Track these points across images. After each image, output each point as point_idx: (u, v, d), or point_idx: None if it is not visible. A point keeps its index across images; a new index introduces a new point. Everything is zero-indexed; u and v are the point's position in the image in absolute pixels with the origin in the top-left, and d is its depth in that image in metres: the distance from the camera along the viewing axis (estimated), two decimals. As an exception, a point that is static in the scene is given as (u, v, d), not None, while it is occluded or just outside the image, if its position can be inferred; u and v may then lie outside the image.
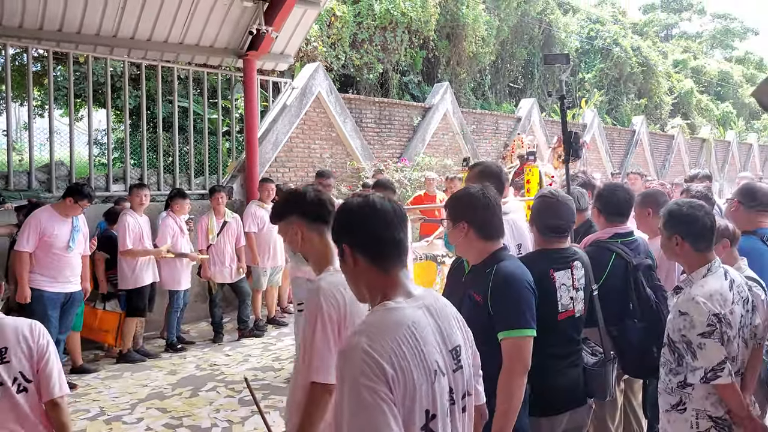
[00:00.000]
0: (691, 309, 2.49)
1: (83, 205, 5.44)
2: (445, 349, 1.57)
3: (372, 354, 1.41)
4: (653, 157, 19.49)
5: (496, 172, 3.36)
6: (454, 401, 1.57)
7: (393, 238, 1.61)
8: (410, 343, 1.46)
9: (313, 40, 11.52)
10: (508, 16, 17.47)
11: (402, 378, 1.42)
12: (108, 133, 8.10)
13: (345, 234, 1.66)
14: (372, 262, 1.61)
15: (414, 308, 1.54)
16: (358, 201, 1.67)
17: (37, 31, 7.15)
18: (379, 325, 1.49)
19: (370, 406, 1.37)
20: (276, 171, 9.27)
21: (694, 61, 30.14)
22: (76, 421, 4.82)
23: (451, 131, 12.50)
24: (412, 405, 1.44)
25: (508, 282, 2.38)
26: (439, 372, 1.51)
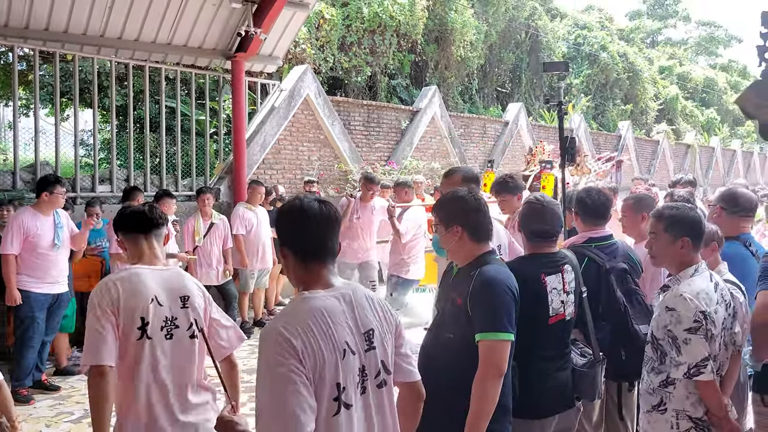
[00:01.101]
0: (678, 305, 2.54)
1: (60, 193, 5.30)
2: (357, 331, 1.77)
3: (284, 334, 1.63)
4: (639, 162, 19.68)
5: (476, 176, 3.51)
6: (366, 377, 1.78)
7: (316, 238, 1.82)
8: (320, 326, 1.68)
9: (302, 42, 11.51)
10: (496, 21, 17.57)
11: (312, 354, 1.63)
12: (94, 133, 8.04)
13: (278, 233, 1.88)
14: (296, 257, 1.83)
15: (328, 297, 1.76)
16: (291, 203, 1.86)
17: (23, 30, 7.07)
18: (293, 311, 1.73)
19: (283, 377, 1.59)
20: (264, 173, 9.25)
21: (679, 68, 30.48)
22: (60, 423, 4.79)
23: (439, 135, 12.54)
24: (321, 378, 1.65)
25: (487, 285, 2.39)
26: (348, 350, 1.72)
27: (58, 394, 5.40)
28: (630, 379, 3.21)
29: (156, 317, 2.45)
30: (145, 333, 2.42)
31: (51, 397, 5.34)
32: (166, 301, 2.49)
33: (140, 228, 2.62)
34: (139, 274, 2.51)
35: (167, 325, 2.48)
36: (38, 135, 7.35)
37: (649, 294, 3.59)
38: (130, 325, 2.40)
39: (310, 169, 9.87)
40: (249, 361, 6.34)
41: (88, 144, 9.83)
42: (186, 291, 2.56)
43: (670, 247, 2.71)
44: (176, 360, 2.49)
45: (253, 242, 7.32)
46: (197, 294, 2.61)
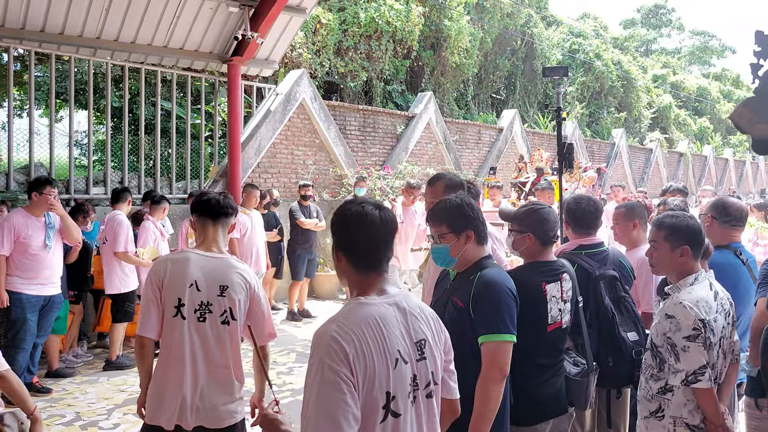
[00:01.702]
0: (677, 313, 2.56)
1: (50, 193, 5.28)
2: (410, 340, 1.77)
3: (338, 339, 1.63)
4: (632, 170, 19.78)
5: (461, 183, 3.50)
6: (417, 386, 1.77)
7: (374, 245, 1.81)
8: (374, 334, 1.67)
9: (298, 46, 11.54)
10: (491, 28, 17.65)
11: (363, 361, 1.63)
12: (89, 134, 8.02)
13: (334, 234, 1.86)
14: (351, 262, 1.82)
15: (383, 304, 1.75)
16: (350, 208, 1.83)
17: (19, 31, 7.07)
18: (348, 316, 1.70)
19: (332, 383, 1.59)
20: (258, 177, 9.25)
21: (672, 77, 30.67)
22: (52, 426, 4.76)
23: (434, 140, 12.59)
24: (372, 386, 1.64)
25: (489, 287, 2.43)
26: (400, 360, 1.72)
27: (49, 397, 5.37)
28: (617, 385, 3.22)
29: (191, 300, 2.73)
30: (180, 312, 2.73)
31: (42, 399, 5.30)
32: (204, 287, 2.76)
33: (210, 214, 2.89)
34: (188, 259, 2.80)
35: (201, 308, 2.74)
36: (33, 136, 7.33)
37: (641, 301, 3.62)
38: (169, 302, 2.74)
39: (305, 173, 9.88)
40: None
41: (83, 145, 9.81)
42: (226, 281, 2.79)
43: (670, 256, 2.73)
44: (206, 341, 2.75)
45: (247, 246, 7.31)
46: (239, 286, 2.81)
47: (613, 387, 3.23)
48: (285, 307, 8.69)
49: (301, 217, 8.26)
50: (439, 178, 3.52)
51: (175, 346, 2.73)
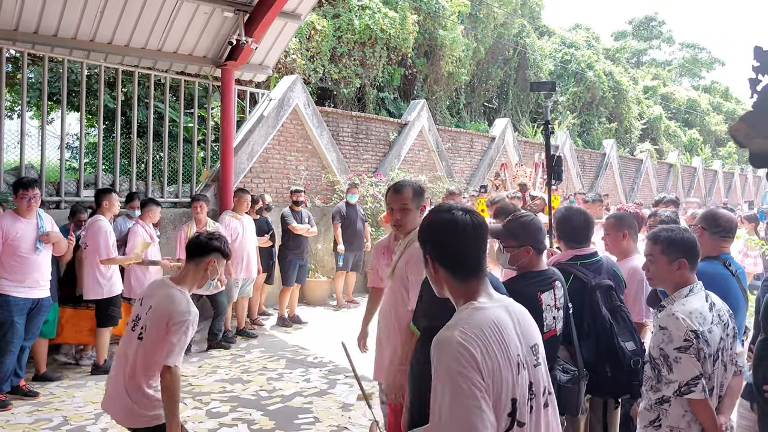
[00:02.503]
0: (670, 324, 2.58)
1: (31, 195, 5.20)
2: (525, 345, 1.71)
3: (465, 344, 1.56)
4: (622, 180, 19.92)
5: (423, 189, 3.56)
6: (534, 394, 1.70)
7: (473, 253, 1.76)
8: (496, 337, 1.62)
9: (292, 52, 11.56)
10: (484, 38, 17.75)
11: (491, 366, 1.57)
12: (81, 137, 7.98)
13: (427, 245, 1.81)
14: (449, 272, 1.76)
15: (497, 308, 1.71)
16: (443, 216, 1.79)
17: (12, 32, 7.03)
18: (469, 320, 1.64)
19: (465, 391, 1.52)
20: (251, 182, 9.24)
21: (663, 88, 30.94)
22: (38, 430, 4.72)
23: (427, 148, 12.62)
24: (499, 392, 1.58)
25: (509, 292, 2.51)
26: (521, 364, 1.66)
27: (36, 401, 5.32)
28: (616, 395, 3.24)
29: (133, 315, 3.14)
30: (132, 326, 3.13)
31: (29, 403, 5.26)
32: (145, 302, 3.11)
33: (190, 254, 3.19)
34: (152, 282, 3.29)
35: (135, 321, 3.10)
36: (24, 138, 7.29)
37: (632, 311, 3.64)
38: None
39: (297, 179, 9.88)
40: (230, 371, 6.30)
41: (74, 147, 9.76)
42: (153, 300, 3.08)
43: (667, 269, 2.74)
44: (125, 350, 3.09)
45: (237, 251, 7.29)
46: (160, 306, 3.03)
47: (611, 397, 3.24)
48: (275, 312, 8.66)
49: (293, 222, 8.25)
50: (404, 185, 3.41)
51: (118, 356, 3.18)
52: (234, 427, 4.85)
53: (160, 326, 2.96)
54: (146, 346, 2.98)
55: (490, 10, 17.86)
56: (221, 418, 5.00)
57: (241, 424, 4.87)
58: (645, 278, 3.78)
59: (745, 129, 1.40)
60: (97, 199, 6.33)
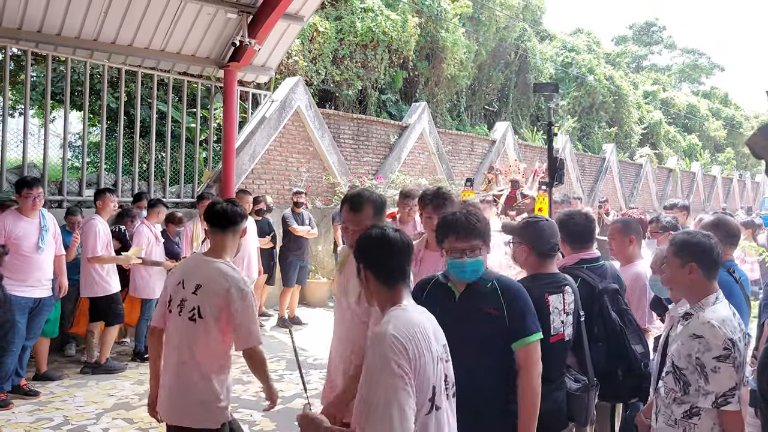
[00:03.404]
0: (706, 332, 2.48)
1: (29, 194, 5.22)
2: (439, 343, 2.04)
3: (397, 337, 1.89)
4: (622, 185, 19.95)
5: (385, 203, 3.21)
6: (448, 384, 2.05)
7: (396, 263, 2.10)
8: (420, 333, 1.94)
9: (295, 54, 11.57)
10: (486, 41, 17.78)
11: (417, 357, 1.89)
12: (84, 136, 8.00)
13: (364, 258, 2.13)
14: (378, 280, 2.09)
15: (417, 311, 2.07)
16: (374, 233, 2.14)
17: (16, 31, 7.05)
18: (400, 318, 1.97)
19: (395, 375, 1.83)
20: (252, 183, 9.25)
21: (663, 93, 31.01)
22: (39, 429, 4.72)
23: (427, 151, 12.64)
24: (422, 379, 1.90)
25: (519, 292, 2.57)
26: (439, 358, 1.99)
27: (37, 400, 5.33)
28: (626, 399, 3.25)
29: (176, 297, 2.99)
30: (170, 307, 3.02)
31: (30, 402, 5.26)
32: (187, 285, 2.96)
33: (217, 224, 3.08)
34: (186, 260, 3.31)
35: (180, 304, 2.96)
36: (27, 136, 7.29)
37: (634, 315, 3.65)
38: (164, 298, 3.08)
39: (298, 181, 9.89)
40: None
41: (77, 147, 9.76)
42: (200, 280, 2.95)
43: (679, 272, 2.68)
44: (179, 334, 2.96)
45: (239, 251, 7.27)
46: (215, 287, 2.92)
47: (620, 401, 3.25)
48: (276, 313, 8.66)
49: (294, 224, 8.26)
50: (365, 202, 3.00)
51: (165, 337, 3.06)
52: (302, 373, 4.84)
53: (219, 303, 2.89)
54: (207, 327, 2.88)
55: (492, 13, 17.89)
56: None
57: (242, 426, 4.87)
58: (648, 284, 3.82)
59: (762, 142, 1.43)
60: (94, 200, 6.39)
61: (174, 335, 2.95)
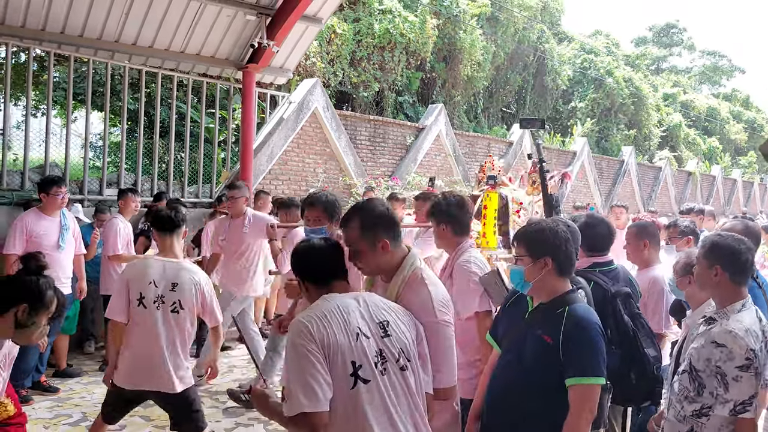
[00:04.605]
0: (729, 341, 2.47)
1: (58, 192, 5.28)
2: (371, 321, 2.15)
3: (304, 322, 2.06)
4: (640, 188, 19.76)
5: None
6: (385, 359, 2.12)
7: (326, 266, 2.31)
8: (335, 314, 2.09)
9: (313, 55, 11.63)
10: (504, 43, 17.73)
11: (325, 335, 2.03)
12: (104, 136, 8.10)
13: (297, 269, 2.36)
14: (312, 284, 2.32)
15: (343, 297, 2.19)
16: (302, 246, 2.37)
17: (39, 32, 7.15)
18: (314, 306, 2.16)
19: (302, 355, 2.00)
20: (269, 183, 9.30)
21: (683, 96, 30.68)
22: (58, 426, 4.79)
23: (444, 152, 12.62)
24: (336, 356, 2.03)
25: (582, 328, 2.38)
26: (361, 335, 2.09)
27: (56, 396, 5.41)
28: (638, 403, 3.22)
29: (149, 294, 3.57)
30: (141, 303, 3.58)
31: (50, 398, 5.34)
32: (160, 284, 3.59)
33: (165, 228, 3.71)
34: (148, 264, 3.69)
35: (157, 300, 3.57)
36: (49, 136, 7.40)
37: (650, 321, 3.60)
38: (134, 296, 3.59)
39: (315, 182, 9.93)
40: (246, 370, 6.34)
41: (98, 147, 9.89)
42: (176, 279, 3.62)
43: (706, 274, 2.66)
44: (162, 324, 3.59)
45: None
46: (188, 284, 3.63)
47: (633, 404, 3.22)
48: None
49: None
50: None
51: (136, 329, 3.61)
52: (250, 426, 4.90)
53: (194, 294, 3.65)
54: (185, 315, 3.62)
55: (510, 14, 17.84)
56: (237, 418, 5.05)
57: (257, 424, 4.92)
58: (665, 289, 3.79)
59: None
60: (117, 199, 6.52)
61: (153, 326, 3.56)
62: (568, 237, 2.50)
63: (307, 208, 3.76)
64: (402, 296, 2.43)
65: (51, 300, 2.61)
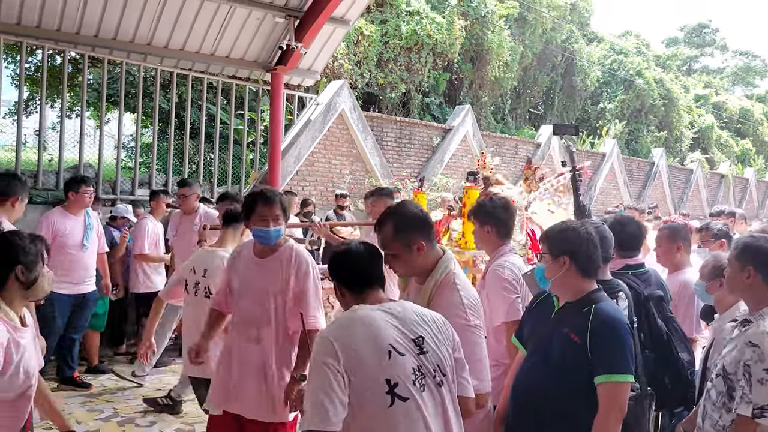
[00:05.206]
0: (763, 342, 2.41)
1: (86, 191, 5.32)
2: (405, 337, 2.05)
3: (327, 337, 2.01)
4: (671, 190, 19.44)
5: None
6: (424, 375, 2.04)
7: (363, 273, 2.22)
8: (362, 330, 2.01)
9: (340, 57, 11.68)
10: (532, 43, 17.60)
11: (349, 352, 1.96)
12: (136, 137, 8.26)
13: (332, 273, 2.28)
14: (349, 290, 2.23)
15: (373, 309, 2.08)
16: (339, 249, 2.29)
17: (74, 35, 7.32)
18: (339, 321, 2.11)
19: (321, 372, 1.95)
20: (297, 184, 9.38)
21: (715, 97, 30.08)
22: (90, 421, 4.88)
23: (470, 153, 12.58)
24: (364, 375, 1.96)
25: (609, 325, 2.36)
26: (394, 352, 2.00)
27: (89, 392, 5.51)
28: (671, 408, 3.18)
29: (191, 280, 3.88)
30: (186, 289, 3.93)
31: (82, 394, 5.45)
32: (198, 271, 3.85)
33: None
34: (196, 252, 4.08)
35: (195, 286, 3.86)
36: (83, 137, 7.57)
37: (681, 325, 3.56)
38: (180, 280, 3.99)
39: (341, 183, 9.98)
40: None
41: (130, 148, 10.08)
42: (206, 266, 3.83)
43: (738, 276, 2.61)
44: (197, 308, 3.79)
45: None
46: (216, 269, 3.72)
47: (666, 409, 3.18)
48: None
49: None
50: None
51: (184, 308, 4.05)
52: None
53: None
54: None
55: (539, 14, 17.70)
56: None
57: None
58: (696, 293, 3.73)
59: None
60: (149, 200, 6.67)
61: (192, 309, 3.87)
62: (590, 238, 2.47)
63: (267, 206, 3.11)
64: (434, 300, 2.43)
65: (35, 246, 2.53)
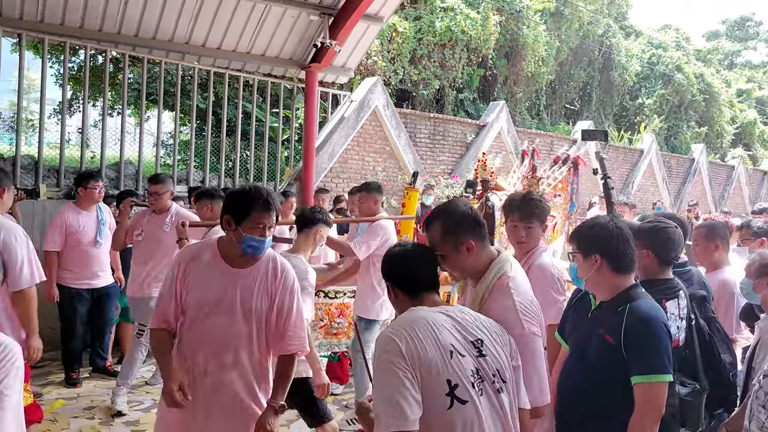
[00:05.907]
0: None
1: (95, 186, 5.33)
2: (464, 339, 2.01)
3: (392, 337, 1.94)
4: (712, 187, 18.98)
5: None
6: (483, 379, 1.99)
7: (419, 275, 2.19)
8: (425, 330, 1.95)
9: (374, 54, 11.72)
10: (568, 38, 17.36)
11: (415, 351, 1.91)
12: (175, 135, 8.43)
13: (386, 274, 2.24)
14: (405, 292, 2.18)
15: (433, 311, 2.05)
16: (395, 252, 2.24)
17: (115, 35, 7.51)
18: (401, 319, 2.05)
19: (389, 370, 1.89)
20: (330, 181, 9.45)
21: (758, 92, 29.23)
22: (131, 412, 5.00)
23: (505, 150, 12.47)
24: (428, 373, 1.90)
25: (645, 324, 2.32)
26: (455, 352, 1.95)
27: (130, 383, 5.64)
28: (712, 410, 3.12)
29: None
30: None
31: (122, 385, 5.58)
32: None
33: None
34: None
35: None
36: (124, 135, 7.76)
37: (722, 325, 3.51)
38: None
39: (374, 180, 10.01)
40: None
41: (169, 145, 10.29)
42: None
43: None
44: None
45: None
46: None
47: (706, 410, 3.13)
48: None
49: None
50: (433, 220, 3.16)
51: None
52: None
53: None
54: None
55: (575, 9, 17.45)
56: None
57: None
58: (736, 293, 3.65)
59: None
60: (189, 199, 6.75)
61: None
62: (620, 233, 2.41)
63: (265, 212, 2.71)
64: (486, 305, 2.29)
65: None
